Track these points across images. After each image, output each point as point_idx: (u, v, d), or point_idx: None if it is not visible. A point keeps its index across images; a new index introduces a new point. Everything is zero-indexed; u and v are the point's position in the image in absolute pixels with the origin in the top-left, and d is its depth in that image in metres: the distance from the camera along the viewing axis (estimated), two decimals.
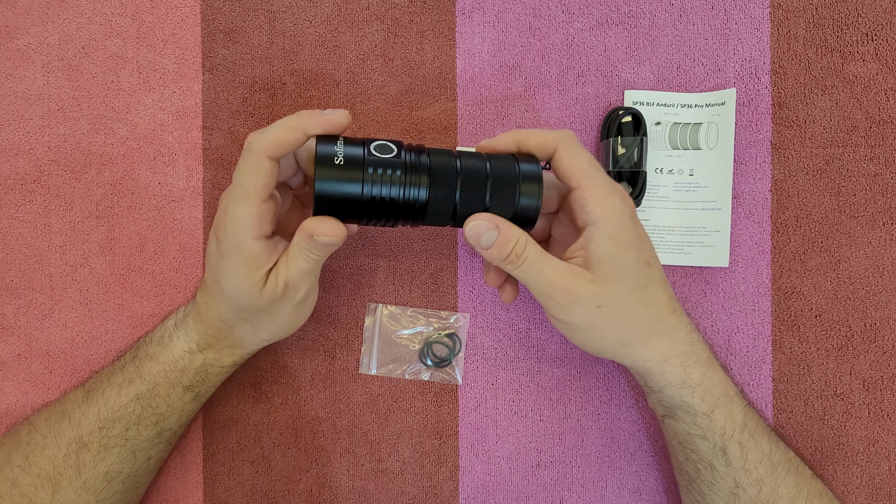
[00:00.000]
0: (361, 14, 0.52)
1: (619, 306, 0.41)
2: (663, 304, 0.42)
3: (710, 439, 0.43)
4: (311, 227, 0.39)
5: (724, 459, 0.43)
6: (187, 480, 0.52)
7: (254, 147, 0.39)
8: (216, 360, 0.46)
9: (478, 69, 0.52)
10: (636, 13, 0.52)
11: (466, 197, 0.40)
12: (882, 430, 0.51)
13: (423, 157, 0.40)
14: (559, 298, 0.41)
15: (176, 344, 0.45)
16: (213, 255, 0.42)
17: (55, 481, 0.43)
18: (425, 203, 0.40)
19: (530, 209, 0.41)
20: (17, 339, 0.51)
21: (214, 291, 0.43)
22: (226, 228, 0.40)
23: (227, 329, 0.44)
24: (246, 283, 0.41)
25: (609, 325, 0.42)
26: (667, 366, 0.43)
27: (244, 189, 0.39)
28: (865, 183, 0.52)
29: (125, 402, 0.44)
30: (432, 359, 0.52)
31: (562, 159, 0.41)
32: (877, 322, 0.51)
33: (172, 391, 0.45)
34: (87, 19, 0.52)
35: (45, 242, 0.52)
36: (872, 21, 0.51)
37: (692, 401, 0.43)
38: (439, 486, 0.52)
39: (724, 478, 0.44)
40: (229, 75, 0.52)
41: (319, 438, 0.52)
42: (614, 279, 0.40)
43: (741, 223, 0.52)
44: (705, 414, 0.43)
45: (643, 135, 0.51)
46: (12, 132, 0.52)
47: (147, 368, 0.45)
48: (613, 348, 0.43)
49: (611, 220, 0.40)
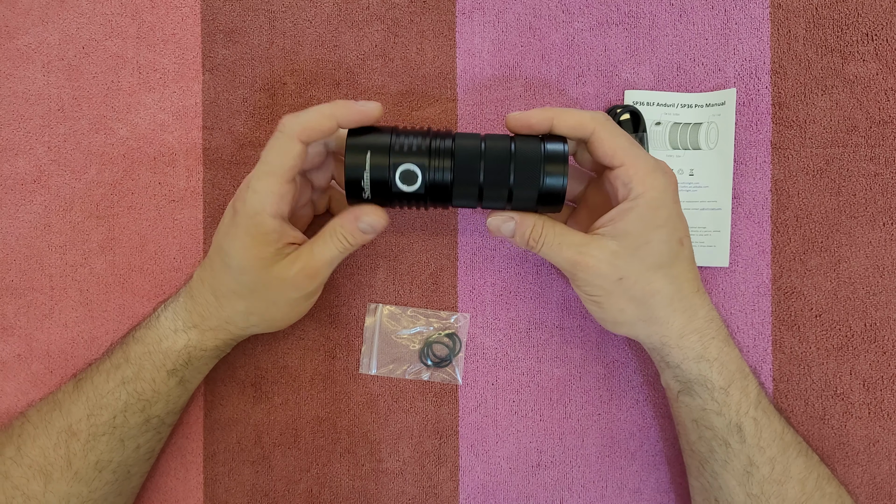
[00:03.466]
0: (361, 14, 0.52)
1: (640, 280, 0.42)
2: (688, 282, 0.43)
3: (725, 415, 0.43)
4: (358, 211, 0.42)
5: (739, 436, 0.43)
6: (187, 480, 0.52)
7: (286, 129, 0.40)
8: (199, 342, 0.45)
9: (478, 69, 0.52)
10: (636, 13, 0.52)
11: (490, 178, 0.41)
12: (882, 430, 0.51)
13: (447, 142, 0.42)
14: (581, 274, 0.42)
15: (162, 324, 0.45)
16: (225, 225, 0.43)
17: (47, 472, 0.43)
18: (450, 185, 0.41)
19: (556, 190, 0.41)
20: (17, 339, 0.51)
21: (217, 264, 0.43)
22: (245, 200, 0.41)
23: (217, 306, 0.44)
24: (253, 255, 0.41)
25: (628, 297, 0.42)
26: (684, 340, 0.43)
27: (269, 166, 0.40)
28: (865, 183, 0.52)
29: (112, 387, 0.44)
30: (432, 359, 0.52)
31: (603, 139, 0.41)
32: (877, 322, 0.51)
33: (157, 374, 0.45)
34: (87, 19, 0.52)
35: (45, 242, 0.52)
36: (872, 21, 0.51)
37: (710, 374, 0.43)
38: (439, 486, 0.52)
39: (739, 455, 0.43)
40: (229, 75, 0.52)
41: (319, 438, 0.52)
42: (637, 253, 0.41)
43: (741, 223, 0.52)
44: (722, 388, 0.43)
45: (643, 131, 0.51)
46: (12, 132, 0.52)
47: (132, 351, 0.45)
48: (632, 322, 0.44)
49: (652, 197, 0.41)
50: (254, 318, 0.45)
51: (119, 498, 0.47)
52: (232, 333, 0.46)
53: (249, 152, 0.52)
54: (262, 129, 0.52)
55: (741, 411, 0.43)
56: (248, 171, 0.52)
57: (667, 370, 0.46)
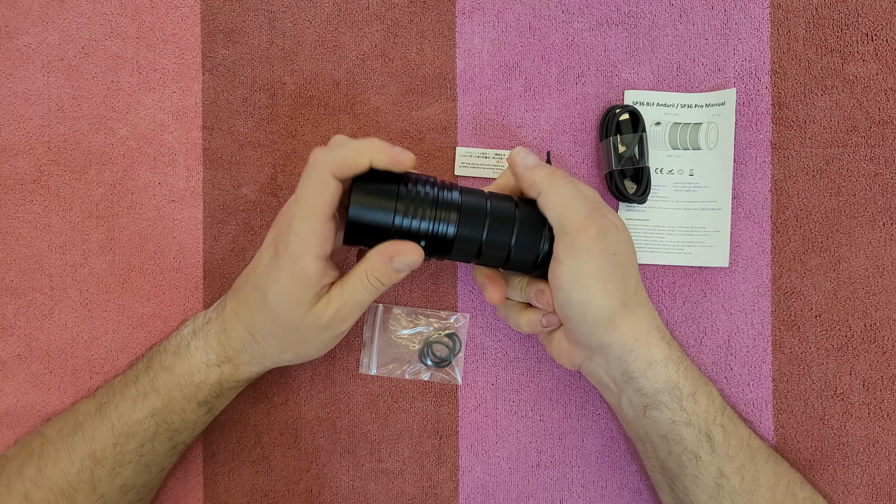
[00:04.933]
0: (361, 14, 0.52)
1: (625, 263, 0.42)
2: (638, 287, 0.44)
3: (695, 424, 0.43)
4: (391, 250, 0.40)
5: (709, 446, 0.43)
6: (187, 480, 0.52)
7: (320, 164, 0.39)
8: (233, 375, 0.45)
9: (478, 69, 0.52)
10: (636, 13, 0.52)
11: (492, 237, 0.41)
12: (882, 430, 0.51)
13: (454, 195, 0.42)
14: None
15: (193, 355, 0.44)
16: (265, 265, 0.42)
17: (70, 496, 0.43)
18: (452, 239, 0.41)
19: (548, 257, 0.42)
20: (17, 339, 0.51)
21: (253, 302, 0.43)
22: (288, 243, 0.39)
23: (253, 343, 0.44)
24: (294, 300, 0.41)
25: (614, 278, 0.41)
26: (651, 338, 0.43)
27: (308, 206, 0.39)
28: (865, 183, 0.52)
29: (140, 417, 0.44)
30: (432, 359, 0.52)
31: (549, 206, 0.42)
32: (877, 322, 0.51)
33: (187, 406, 0.44)
34: (87, 19, 0.52)
35: (45, 242, 0.52)
36: (872, 21, 0.51)
37: (678, 379, 0.43)
38: (439, 486, 0.52)
39: (709, 468, 0.43)
40: (229, 75, 0.52)
41: (319, 438, 0.52)
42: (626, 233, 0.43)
43: (741, 223, 0.52)
44: (690, 395, 0.43)
45: (642, 130, 0.51)
46: (12, 132, 0.52)
47: (162, 381, 0.44)
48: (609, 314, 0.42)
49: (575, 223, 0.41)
50: (288, 355, 0.45)
51: None
52: (265, 366, 0.46)
53: (249, 152, 0.52)
54: (262, 129, 0.52)
55: (709, 419, 0.43)
56: (248, 171, 0.52)
57: (631, 383, 0.44)
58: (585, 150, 0.52)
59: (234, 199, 0.52)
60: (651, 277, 0.52)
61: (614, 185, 0.50)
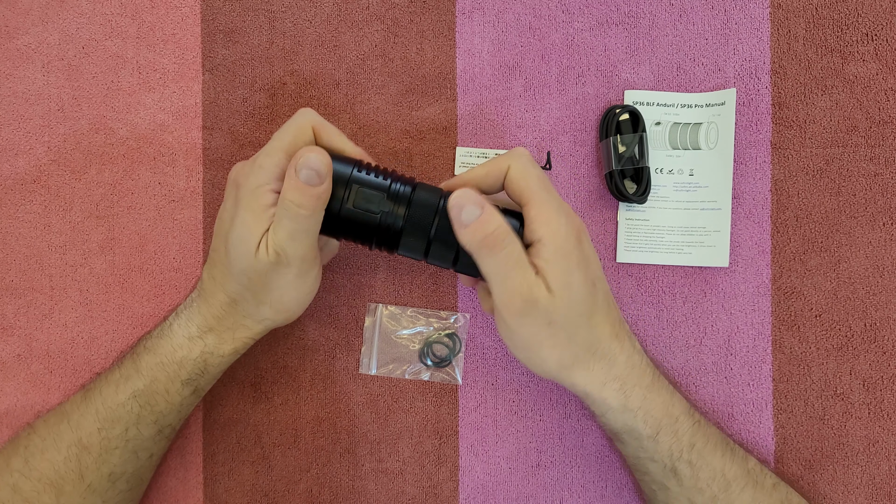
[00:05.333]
0: (361, 14, 0.52)
1: (567, 326, 0.40)
2: (606, 328, 0.42)
3: (659, 461, 0.43)
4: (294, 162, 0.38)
5: (675, 480, 0.43)
6: (187, 480, 0.52)
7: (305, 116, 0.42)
8: (216, 348, 0.44)
9: (478, 69, 0.52)
10: (636, 13, 0.52)
11: (441, 236, 0.40)
12: (882, 430, 0.51)
13: (406, 189, 0.41)
14: (517, 304, 0.39)
15: (175, 332, 0.44)
16: (227, 210, 0.42)
17: (58, 486, 0.42)
18: (399, 232, 0.41)
19: None
20: (17, 339, 0.51)
21: (221, 257, 0.42)
22: (248, 174, 0.40)
23: (232, 305, 0.43)
24: (248, 237, 0.40)
25: (554, 343, 0.40)
26: (606, 390, 0.42)
27: (280, 142, 0.41)
28: (865, 183, 0.52)
29: (123, 399, 0.43)
30: (432, 359, 0.52)
31: (511, 179, 0.40)
32: (877, 322, 0.51)
33: (171, 386, 0.44)
34: (87, 19, 0.52)
35: (45, 242, 0.52)
36: (872, 21, 0.51)
37: (635, 424, 0.42)
38: (439, 486, 0.52)
39: (678, 498, 0.43)
40: (229, 75, 0.52)
41: (319, 438, 0.52)
42: (565, 298, 0.39)
43: (741, 223, 0.52)
44: (650, 437, 0.42)
45: (642, 130, 0.51)
46: (12, 132, 0.52)
47: (144, 362, 0.44)
48: (556, 370, 0.42)
49: (556, 241, 0.39)
50: (265, 310, 0.43)
51: None
52: (249, 330, 0.44)
53: (249, 152, 0.52)
54: (262, 129, 0.52)
55: (674, 456, 0.43)
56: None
57: (596, 417, 0.45)
58: (585, 150, 0.52)
59: None
60: (651, 277, 0.52)
61: (614, 185, 0.50)
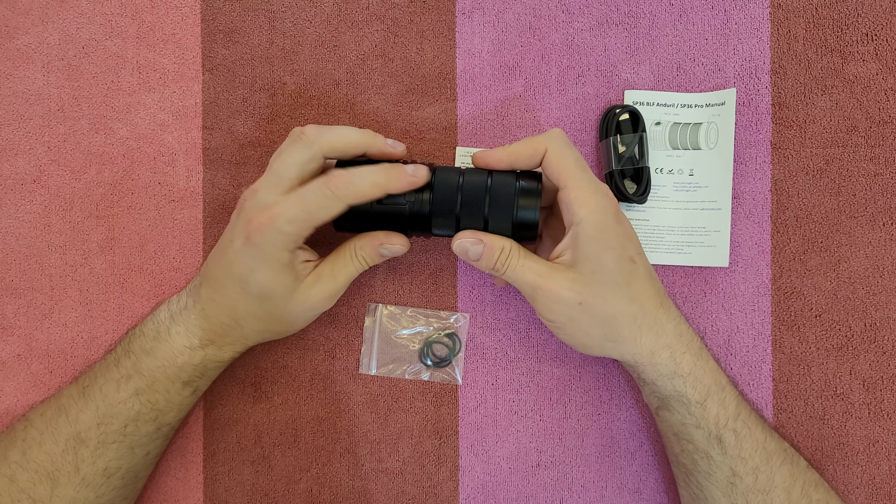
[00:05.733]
0: (361, 14, 0.52)
1: (600, 303, 0.42)
2: (649, 299, 0.43)
3: (704, 428, 0.44)
4: (383, 237, 0.44)
5: (719, 448, 0.44)
6: (187, 480, 0.52)
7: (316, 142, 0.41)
8: (216, 356, 0.46)
9: (478, 69, 0.52)
10: (636, 13, 0.52)
11: (467, 210, 0.43)
12: (882, 430, 0.51)
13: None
14: (542, 299, 0.43)
15: (175, 339, 0.45)
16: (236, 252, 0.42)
17: (53, 477, 0.43)
18: (428, 215, 0.44)
19: (529, 221, 0.43)
20: (17, 339, 0.51)
21: (232, 291, 0.43)
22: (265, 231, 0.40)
23: (236, 327, 0.45)
24: (279, 287, 0.42)
25: (592, 321, 0.43)
26: (655, 357, 0.44)
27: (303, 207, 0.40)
28: (865, 183, 0.52)
29: (123, 397, 0.44)
30: (432, 359, 0.52)
31: (550, 161, 0.42)
32: (877, 322, 0.51)
33: (171, 386, 0.45)
34: (87, 19, 0.52)
35: (45, 242, 0.52)
36: (872, 21, 0.51)
37: (684, 390, 0.44)
38: (439, 486, 0.52)
39: (721, 467, 0.44)
40: (229, 75, 0.52)
41: (319, 438, 0.52)
42: (594, 277, 0.42)
43: (741, 223, 0.52)
44: (698, 403, 0.44)
45: (642, 130, 0.51)
46: (12, 132, 0.52)
47: (145, 364, 0.45)
48: (600, 343, 0.44)
49: (593, 220, 0.41)
50: (270, 334, 0.47)
51: (124, 502, 0.47)
52: (249, 345, 0.47)
53: (249, 152, 0.52)
54: (262, 129, 0.52)
55: (720, 424, 0.43)
56: (248, 171, 0.52)
57: (644, 386, 0.47)
58: (585, 150, 0.52)
59: (234, 199, 0.52)
60: None
61: (614, 185, 0.50)
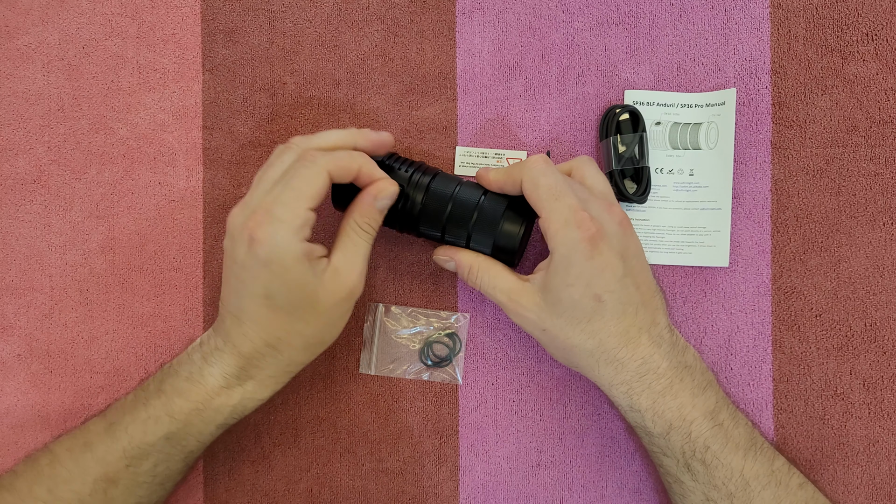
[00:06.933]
0: (361, 14, 0.52)
1: (559, 334, 0.43)
2: (611, 337, 0.42)
3: (671, 457, 0.43)
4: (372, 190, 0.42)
5: (689, 475, 0.43)
6: (187, 480, 0.52)
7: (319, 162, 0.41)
8: (255, 393, 0.43)
9: (478, 69, 0.52)
10: (636, 13, 0.52)
11: (453, 221, 0.45)
12: (882, 430, 0.51)
13: (425, 177, 0.45)
14: (511, 315, 0.45)
15: (208, 382, 0.42)
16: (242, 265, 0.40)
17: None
18: (417, 217, 0.45)
19: (508, 248, 0.45)
20: (17, 339, 0.51)
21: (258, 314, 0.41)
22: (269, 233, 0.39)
23: (275, 353, 0.42)
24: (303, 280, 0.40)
25: (554, 345, 0.44)
26: (613, 390, 0.44)
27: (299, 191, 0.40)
28: (865, 183, 0.52)
29: (153, 440, 0.42)
30: (432, 359, 0.52)
31: (525, 191, 0.43)
32: (877, 322, 0.51)
33: (205, 429, 0.43)
34: (87, 19, 0.52)
35: (45, 242, 0.52)
36: (872, 21, 0.51)
37: (643, 423, 0.43)
38: (439, 486, 0.52)
39: (694, 491, 0.43)
40: (229, 75, 0.52)
41: (319, 438, 0.52)
42: (554, 309, 0.42)
43: (741, 223, 0.52)
44: (660, 435, 0.43)
45: (642, 130, 0.51)
46: (12, 132, 0.52)
47: (177, 407, 0.42)
48: (567, 363, 0.46)
49: (560, 254, 0.41)
50: (314, 349, 0.44)
51: None
52: (291, 375, 0.45)
53: (249, 152, 0.52)
54: (262, 129, 0.52)
55: (686, 455, 0.43)
56: (248, 171, 0.52)
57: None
58: (585, 150, 0.52)
59: (234, 199, 0.52)
60: None
61: (614, 185, 0.50)
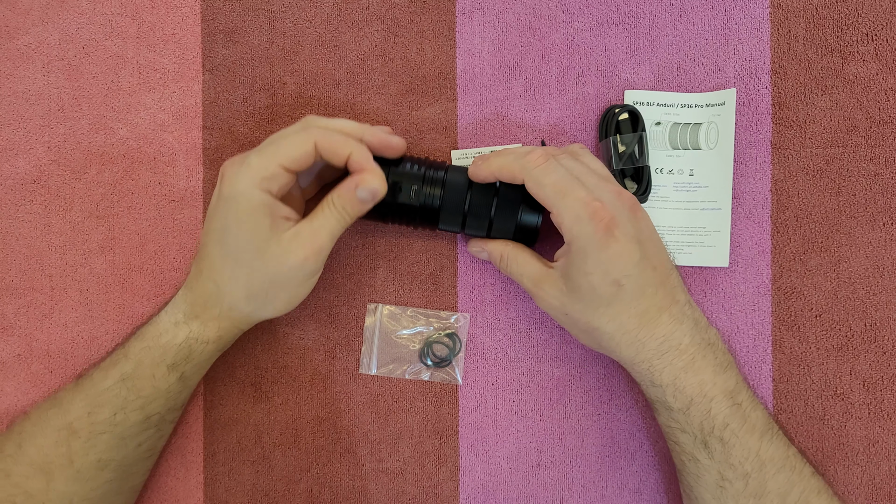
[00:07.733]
0: (361, 14, 0.52)
1: (581, 318, 0.44)
2: (631, 318, 0.43)
3: (689, 433, 0.44)
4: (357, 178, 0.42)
5: (706, 452, 0.43)
6: (187, 480, 0.52)
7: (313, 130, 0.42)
8: (201, 333, 0.45)
9: (478, 69, 0.52)
10: (636, 13, 0.52)
11: (474, 210, 0.46)
12: (882, 430, 0.51)
13: (440, 172, 0.46)
14: (537, 300, 0.46)
15: (161, 319, 0.45)
16: (216, 207, 0.43)
17: (48, 471, 0.43)
18: (437, 209, 0.46)
19: (529, 227, 0.47)
20: (17, 339, 0.51)
21: (211, 249, 0.43)
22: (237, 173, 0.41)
23: (218, 293, 0.44)
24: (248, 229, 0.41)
25: (577, 329, 0.46)
26: (634, 367, 0.45)
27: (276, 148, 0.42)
28: (865, 183, 0.52)
29: (110, 384, 0.44)
30: (432, 359, 0.52)
31: (531, 191, 0.44)
32: (877, 322, 0.51)
33: (156, 370, 0.44)
34: (87, 19, 0.52)
35: (45, 242, 0.52)
36: (872, 21, 0.51)
37: (664, 398, 0.44)
38: (439, 486, 0.52)
39: (709, 470, 0.43)
40: (229, 75, 0.52)
41: (319, 438, 0.52)
42: (575, 295, 0.43)
43: (741, 223, 0.52)
44: (680, 410, 0.44)
45: (642, 130, 0.51)
46: (12, 132, 0.52)
47: (131, 347, 0.45)
48: (590, 344, 0.47)
49: (575, 246, 0.42)
50: (256, 303, 0.44)
51: (119, 497, 0.47)
52: (234, 321, 0.45)
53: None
54: (262, 129, 0.52)
55: (705, 431, 0.43)
56: None
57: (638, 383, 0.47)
58: None
59: None
60: None
61: None
